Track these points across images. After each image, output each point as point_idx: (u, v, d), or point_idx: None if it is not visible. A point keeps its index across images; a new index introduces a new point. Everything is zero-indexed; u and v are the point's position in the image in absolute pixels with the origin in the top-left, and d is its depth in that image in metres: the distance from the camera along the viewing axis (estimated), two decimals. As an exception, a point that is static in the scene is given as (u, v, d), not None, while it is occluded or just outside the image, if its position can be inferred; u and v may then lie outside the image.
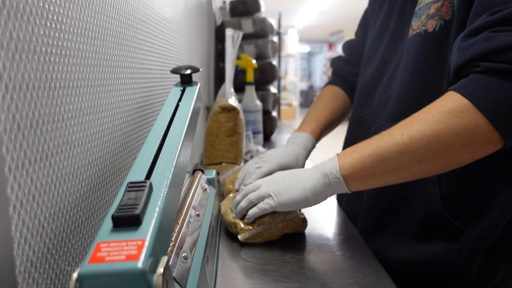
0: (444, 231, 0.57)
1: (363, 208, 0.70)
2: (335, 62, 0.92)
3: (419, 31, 0.59)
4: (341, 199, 0.84)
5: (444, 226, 0.57)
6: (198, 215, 0.48)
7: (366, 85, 0.76)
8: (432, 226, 0.59)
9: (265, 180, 0.58)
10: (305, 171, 0.56)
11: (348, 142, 0.83)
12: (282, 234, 0.59)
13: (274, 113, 1.55)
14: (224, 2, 2.09)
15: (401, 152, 0.48)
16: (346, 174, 0.51)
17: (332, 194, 0.54)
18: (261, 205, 0.56)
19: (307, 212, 0.64)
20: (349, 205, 0.78)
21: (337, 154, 0.54)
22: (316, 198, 0.54)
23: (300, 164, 0.73)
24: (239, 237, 0.58)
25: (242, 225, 0.58)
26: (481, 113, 0.43)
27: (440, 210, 0.57)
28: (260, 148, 1.09)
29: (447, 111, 0.45)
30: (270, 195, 0.56)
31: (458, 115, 0.44)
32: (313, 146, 0.79)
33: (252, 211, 0.57)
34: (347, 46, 0.92)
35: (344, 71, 0.89)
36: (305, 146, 0.76)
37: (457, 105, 0.45)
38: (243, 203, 0.58)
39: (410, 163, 0.48)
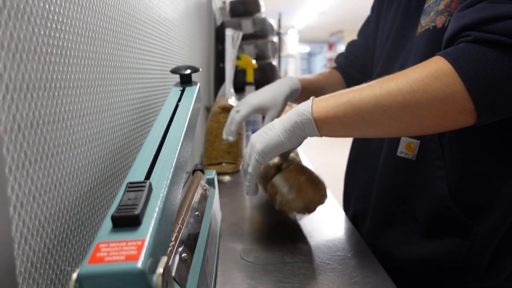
0: (454, 226, 0.57)
1: (372, 206, 0.70)
2: (337, 57, 0.97)
3: (428, 27, 0.59)
4: (349, 198, 0.83)
5: (454, 222, 0.57)
6: (198, 215, 0.48)
7: None
8: (442, 222, 0.58)
9: (251, 140, 0.60)
10: (279, 118, 0.57)
11: (355, 142, 0.83)
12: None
13: (274, 113, 1.55)
14: (224, 2, 2.09)
15: (375, 104, 0.48)
16: (317, 117, 0.51)
17: (304, 136, 0.54)
18: (251, 161, 0.58)
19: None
20: (358, 203, 0.78)
21: (313, 97, 0.54)
22: (289, 139, 0.54)
23: (277, 102, 0.73)
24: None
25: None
26: (461, 79, 0.43)
27: (449, 205, 0.57)
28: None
29: (428, 72, 0.45)
30: (253, 150, 0.57)
31: (439, 78, 0.44)
32: (299, 89, 0.78)
33: (248, 168, 0.59)
34: (348, 44, 0.96)
35: (342, 63, 0.92)
36: (289, 85, 0.76)
37: (440, 68, 0.45)
38: (245, 165, 0.61)
39: (382, 117, 0.48)
